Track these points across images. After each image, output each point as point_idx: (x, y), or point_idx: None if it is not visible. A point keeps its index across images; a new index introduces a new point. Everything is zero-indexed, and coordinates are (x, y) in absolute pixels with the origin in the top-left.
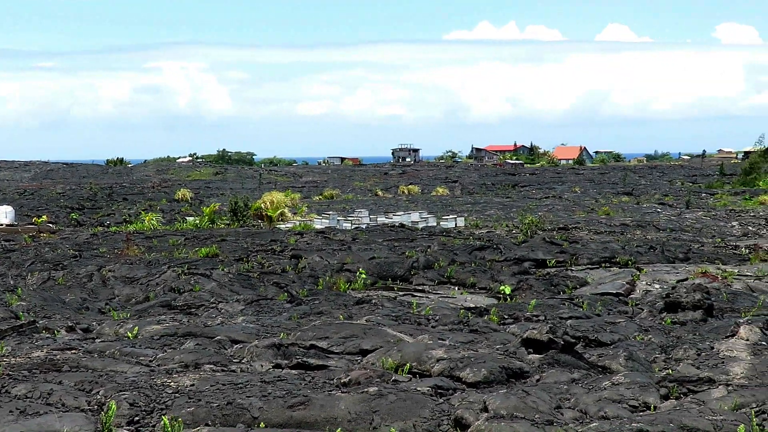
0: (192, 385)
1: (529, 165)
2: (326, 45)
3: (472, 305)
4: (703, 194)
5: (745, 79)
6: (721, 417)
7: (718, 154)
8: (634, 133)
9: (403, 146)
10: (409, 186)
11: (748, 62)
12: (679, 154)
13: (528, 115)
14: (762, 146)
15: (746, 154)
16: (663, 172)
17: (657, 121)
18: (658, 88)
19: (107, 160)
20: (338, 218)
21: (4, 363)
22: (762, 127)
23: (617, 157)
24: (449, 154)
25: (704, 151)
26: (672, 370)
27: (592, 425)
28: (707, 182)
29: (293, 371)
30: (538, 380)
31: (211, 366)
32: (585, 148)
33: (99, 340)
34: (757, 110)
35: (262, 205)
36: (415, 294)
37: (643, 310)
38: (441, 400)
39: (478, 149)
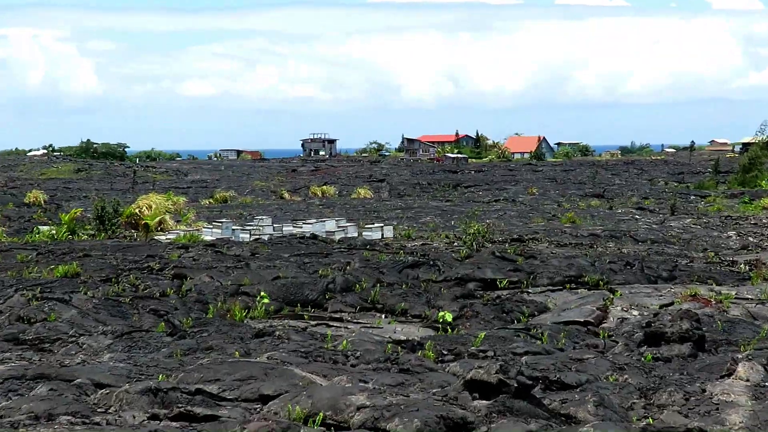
0: None
1: (474, 160)
2: (217, 9)
3: (402, 337)
4: (692, 197)
5: (742, 53)
6: None
7: (710, 147)
8: (606, 121)
9: (315, 136)
10: (324, 186)
11: (746, 32)
12: (662, 146)
13: (473, 97)
14: (764, 137)
15: (744, 146)
16: (642, 168)
17: (634, 106)
18: (635, 64)
19: None
20: (233, 227)
21: None
22: (763, 113)
23: (585, 151)
24: (374, 146)
25: (693, 142)
26: (653, 419)
27: None
28: (697, 182)
29: (174, 423)
30: None
31: (69, 417)
32: (544, 138)
33: None
34: (757, 92)
35: (137, 211)
36: (331, 323)
37: (617, 343)
38: None
39: (410, 140)
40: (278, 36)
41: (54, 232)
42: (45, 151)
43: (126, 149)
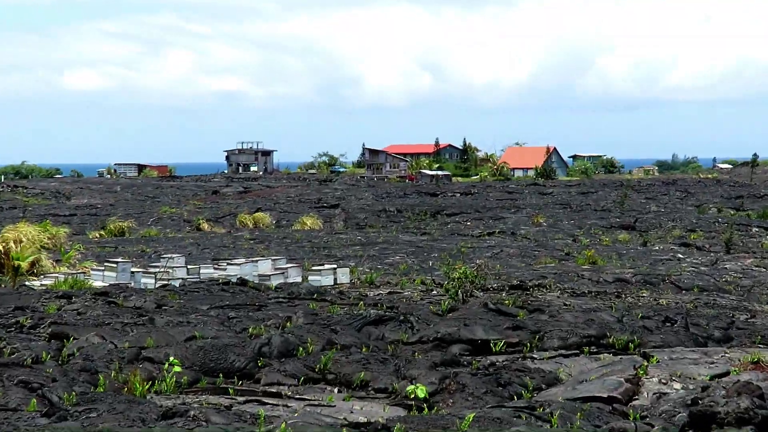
0: None
1: (460, 179)
2: None
3: (362, 419)
4: (755, 228)
5: None
6: None
7: None
8: (639, 126)
9: (245, 146)
10: (256, 214)
11: None
12: (714, 160)
13: (459, 94)
14: None
15: None
16: (686, 190)
17: (676, 105)
18: (679, 48)
19: None
20: (133, 270)
21: None
22: None
23: (610, 166)
24: (324, 159)
25: (756, 156)
26: None
27: None
28: (762, 208)
29: None
30: None
31: None
32: (555, 150)
33: None
34: None
35: (1, 248)
36: (265, 400)
37: (653, 426)
38: None
39: (373, 152)
40: (194, 10)
41: None
42: None
43: None
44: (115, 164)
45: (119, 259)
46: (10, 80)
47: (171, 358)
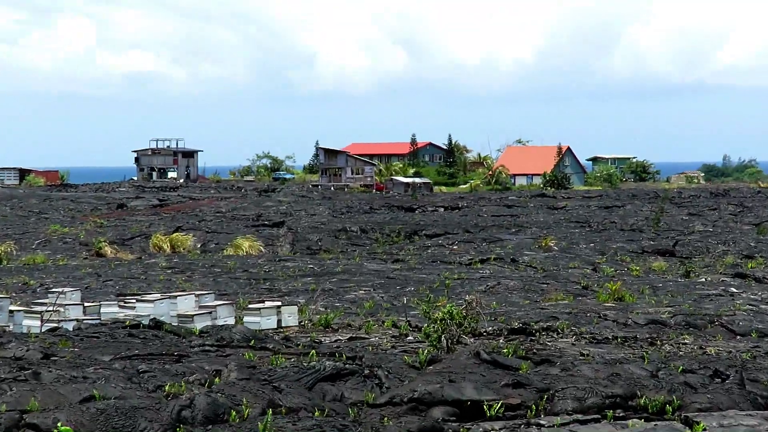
0: None
1: (445, 188)
2: None
3: None
4: None
5: None
6: None
7: None
8: (678, 118)
9: (161, 144)
10: (175, 234)
11: None
12: None
13: (443, 77)
14: None
15: None
16: (742, 204)
17: (728, 90)
18: (730, 21)
19: None
20: (12, 308)
21: None
22: None
23: (641, 171)
24: (266, 162)
25: None
26: None
27: None
28: None
29: None
30: None
31: None
32: (569, 150)
33: None
34: None
35: None
36: None
37: None
38: None
39: (330, 152)
40: None
41: None
42: None
43: None
44: None
45: None
46: None
47: (61, 425)
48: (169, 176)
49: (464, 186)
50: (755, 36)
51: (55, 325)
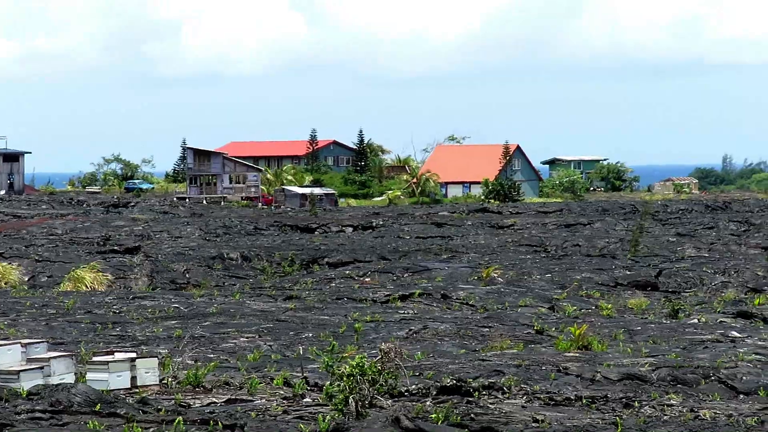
0: None
1: (355, 201)
2: None
3: None
4: None
5: None
6: None
7: None
8: (665, 106)
9: None
10: None
11: None
12: None
13: (353, 54)
14: None
15: None
16: (747, 220)
17: (728, 70)
18: None
19: None
20: None
21: None
22: None
23: (614, 178)
24: (115, 167)
25: None
26: None
27: None
28: None
29: None
30: None
31: None
32: (518, 150)
33: None
34: None
35: None
36: None
37: None
38: None
39: (202, 154)
40: None
41: None
42: None
43: None
44: None
45: None
46: None
47: None
48: None
49: (380, 198)
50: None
51: None
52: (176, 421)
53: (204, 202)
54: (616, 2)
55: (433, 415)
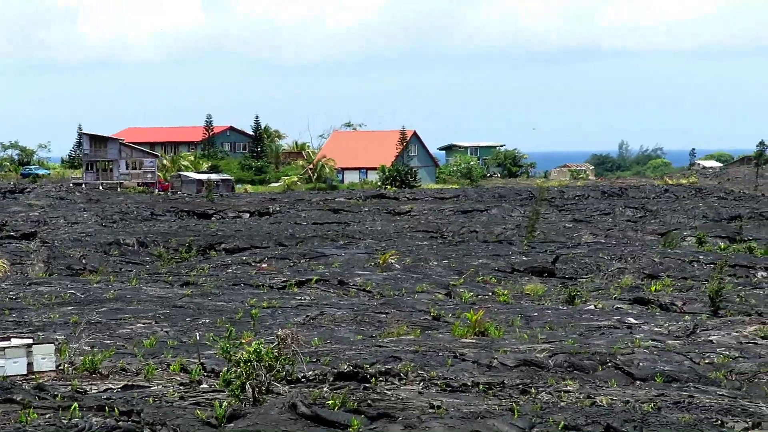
0: None
1: (251, 186)
2: None
3: None
4: (762, 273)
5: None
6: None
7: None
8: (560, 91)
9: None
10: None
11: None
12: (693, 154)
13: (248, 36)
14: None
15: None
16: (644, 206)
17: (625, 56)
18: None
19: None
20: None
21: None
22: None
23: (510, 163)
24: (10, 154)
25: (764, 145)
26: None
27: None
28: None
29: None
30: None
31: None
32: (414, 135)
33: None
34: None
35: None
36: None
37: None
38: None
39: (98, 140)
40: None
41: None
42: None
43: None
44: None
45: None
46: None
47: None
48: None
49: (277, 184)
50: None
51: None
52: (72, 407)
53: (100, 188)
54: None
55: (330, 401)
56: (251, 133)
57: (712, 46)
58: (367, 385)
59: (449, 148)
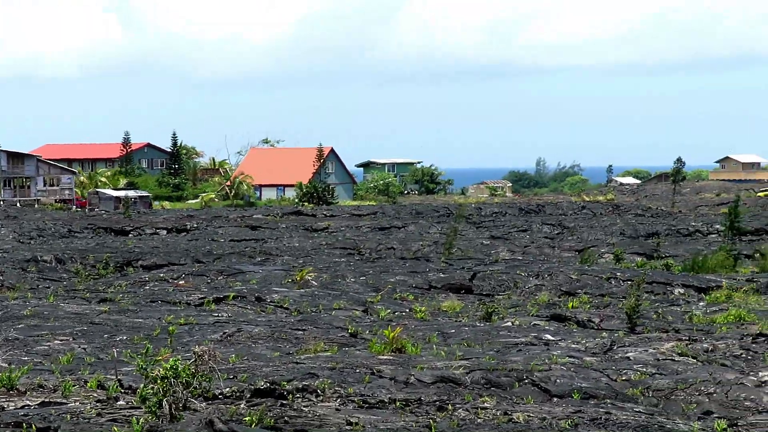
0: None
1: (169, 203)
2: None
3: None
4: (679, 290)
5: None
6: None
7: (720, 173)
8: (477, 108)
9: None
10: None
11: None
12: (610, 170)
13: (167, 52)
14: None
15: None
16: (561, 223)
17: (539, 71)
18: None
19: None
20: None
21: None
22: None
23: (428, 180)
24: None
25: (680, 162)
26: None
27: None
28: (690, 253)
29: None
30: None
31: None
32: (332, 152)
33: None
34: None
35: None
36: None
37: None
38: None
39: (15, 156)
40: None
41: None
42: None
43: None
44: None
45: None
46: None
47: None
48: None
49: (194, 201)
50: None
51: None
52: None
53: (18, 204)
54: (429, 8)
55: (247, 418)
56: (169, 150)
57: (628, 64)
58: (284, 401)
59: (367, 165)
